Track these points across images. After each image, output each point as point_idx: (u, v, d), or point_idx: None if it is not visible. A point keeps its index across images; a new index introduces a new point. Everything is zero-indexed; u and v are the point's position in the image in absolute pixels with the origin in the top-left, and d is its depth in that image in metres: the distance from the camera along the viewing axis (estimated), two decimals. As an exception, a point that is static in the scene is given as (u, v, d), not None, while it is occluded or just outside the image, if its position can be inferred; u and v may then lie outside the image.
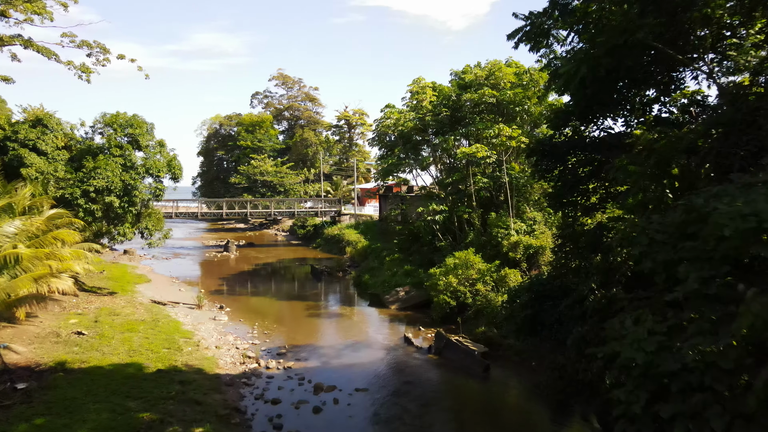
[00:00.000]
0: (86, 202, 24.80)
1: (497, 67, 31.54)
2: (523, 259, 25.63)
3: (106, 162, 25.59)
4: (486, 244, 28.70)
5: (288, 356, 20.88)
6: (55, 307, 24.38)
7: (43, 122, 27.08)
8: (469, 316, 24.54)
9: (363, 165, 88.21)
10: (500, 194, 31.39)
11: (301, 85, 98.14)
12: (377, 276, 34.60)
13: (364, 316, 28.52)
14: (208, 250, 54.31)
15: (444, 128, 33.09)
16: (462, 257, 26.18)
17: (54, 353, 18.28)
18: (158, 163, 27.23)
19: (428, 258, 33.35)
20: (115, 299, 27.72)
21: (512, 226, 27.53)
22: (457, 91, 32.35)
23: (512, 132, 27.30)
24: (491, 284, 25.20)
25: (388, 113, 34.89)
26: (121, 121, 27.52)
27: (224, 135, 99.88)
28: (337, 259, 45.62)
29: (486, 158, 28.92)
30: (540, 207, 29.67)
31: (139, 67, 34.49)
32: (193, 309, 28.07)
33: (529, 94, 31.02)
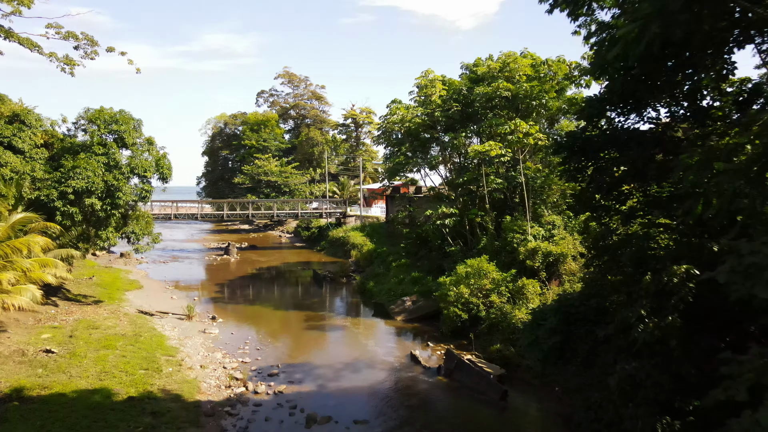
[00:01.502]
0: (64, 205, 22.70)
1: (512, 58, 29.16)
2: (542, 267, 23.24)
3: (87, 161, 23.48)
4: (500, 250, 26.35)
5: (280, 377, 18.65)
6: (29, 319, 22.35)
7: (21, 118, 25.05)
8: (482, 331, 22.21)
9: (370, 164, 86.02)
10: (515, 196, 29.03)
11: (307, 83, 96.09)
12: (383, 283, 32.33)
13: (367, 328, 26.26)
14: (208, 253, 52.29)
15: (454, 125, 30.74)
16: (474, 265, 23.84)
17: (14, 377, 16.18)
18: (145, 163, 25.08)
19: (437, 264, 31.04)
20: (98, 309, 25.65)
21: (529, 231, 25.16)
22: (469, 85, 29.99)
23: (529, 128, 24.92)
24: (507, 295, 22.84)
25: (395, 109, 32.59)
26: (105, 117, 25.41)
27: (229, 134, 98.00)
28: (341, 264, 43.36)
29: (500, 157, 26.55)
30: (559, 210, 27.26)
31: (130, 60, 32.32)
32: (183, 320, 25.93)
33: (546, 87, 28.61)
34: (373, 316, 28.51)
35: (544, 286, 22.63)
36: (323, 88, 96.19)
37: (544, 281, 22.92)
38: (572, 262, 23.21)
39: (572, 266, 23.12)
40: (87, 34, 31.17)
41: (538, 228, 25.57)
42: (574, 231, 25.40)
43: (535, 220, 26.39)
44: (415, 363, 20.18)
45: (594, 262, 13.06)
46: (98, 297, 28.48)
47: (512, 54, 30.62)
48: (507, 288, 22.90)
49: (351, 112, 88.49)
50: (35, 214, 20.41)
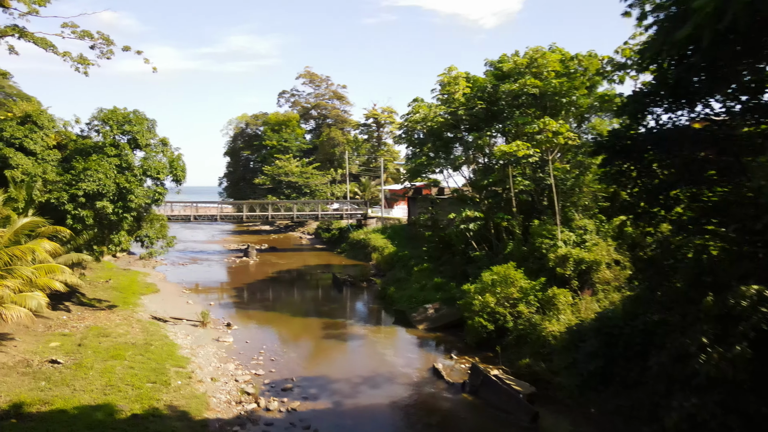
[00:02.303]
0: (75, 208, 22.04)
1: (540, 53, 27.70)
2: (574, 276, 21.76)
3: (98, 163, 22.79)
4: (528, 255, 24.93)
5: (294, 393, 17.58)
6: (40, 325, 21.70)
7: (33, 119, 24.50)
8: (509, 343, 20.86)
9: (392, 165, 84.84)
10: (543, 198, 27.56)
11: (328, 83, 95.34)
12: (404, 289, 31.11)
13: (387, 337, 25.08)
14: (227, 255, 51.70)
15: (479, 123, 29.40)
16: (501, 272, 22.48)
17: (15, 390, 15.39)
18: (158, 164, 24.32)
19: (461, 269, 29.72)
20: (111, 315, 24.96)
21: (559, 236, 23.68)
22: (494, 82, 28.59)
23: (559, 126, 23.44)
24: (535, 305, 21.44)
25: (417, 107, 31.37)
26: (118, 118, 24.71)
27: (250, 134, 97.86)
28: (361, 267, 42.32)
29: (527, 157, 25.11)
30: (590, 213, 25.69)
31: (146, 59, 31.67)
32: (197, 327, 25.09)
33: (576, 84, 27.09)
34: (393, 323, 27.32)
35: (576, 295, 21.17)
36: (344, 87, 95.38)
37: (576, 290, 21.45)
38: (606, 270, 21.71)
39: (606, 274, 21.62)
40: (102, 33, 30.68)
41: (569, 233, 24.07)
42: (607, 236, 23.87)
43: (565, 224, 24.88)
44: (438, 378, 18.93)
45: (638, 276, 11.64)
46: (113, 301, 27.85)
47: (540, 49, 29.15)
48: (536, 297, 21.51)
49: (372, 111, 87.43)
50: (42, 219, 19.72)
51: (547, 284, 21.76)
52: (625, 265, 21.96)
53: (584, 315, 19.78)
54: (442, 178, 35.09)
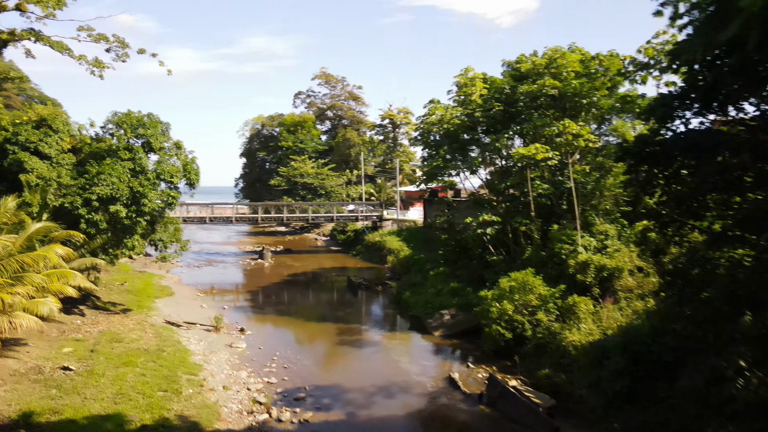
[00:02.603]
0: (88, 212, 21.93)
1: (559, 54, 27.00)
2: (595, 283, 21.09)
3: (112, 167, 22.67)
4: (547, 261, 24.29)
5: (307, 403, 17.21)
6: (54, 330, 21.63)
7: (48, 122, 24.48)
8: (528, 351, 20.28)
9: (407, 166, 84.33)
10: (563, 202, 26.87)
11: (344, 83, 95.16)
12: (419, 293, 30.62)
13: (402, 344, 24.63)
14: (243, 257, 51.65)
15: (496, 125, 28.80)
16: (519, 278, 21.90)
17: (26, 398, 15.22)
18: (172, 168, 24.15)
19: (478, 274, 29.14)
20: (125, 319, 24.86)
21: (579, 242, 23.00)
22: (512, 83, 27.97)
23: (579, 129, 22.76)
24: (555, 313, 20.84)
25: (433, 109, 30.86)
26: (132, 121, 24.61)
27: (266, 136, 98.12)
28: (376, 270, 41.91)
29: (546, 160, 24.46)
30: (612, 218, 24.96)
31: (161, 62, 31.80)
32: (210, 332, 24.89)
33: (597, 84, 26.33)
34: (409, 329, 26.88)
35: (598, 303, 20.51)
36: (360, 88, 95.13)
37: (597, 298, 20.79)
38: (629, 277, 21.01)
39: (629, 281, 20.92)
40: (118, 36, 30.68)
41: (589, 238, 23.37)
42: (629, 242, 23.15)
43: (585, 228, 24.19)
44: (454, 388, 18.43)
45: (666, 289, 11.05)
46: (127, 305, 27.78)
47: (559, 49, 28.45)
48: (555, 305, 20.91)
49: (388, 112, 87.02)
50: (55, 224, 19.62)
51: (567, 291, 21.15)
52: (648, 272, 21.27)
53: (606, 324, 19.14)
54: (459, 180, 34.56)
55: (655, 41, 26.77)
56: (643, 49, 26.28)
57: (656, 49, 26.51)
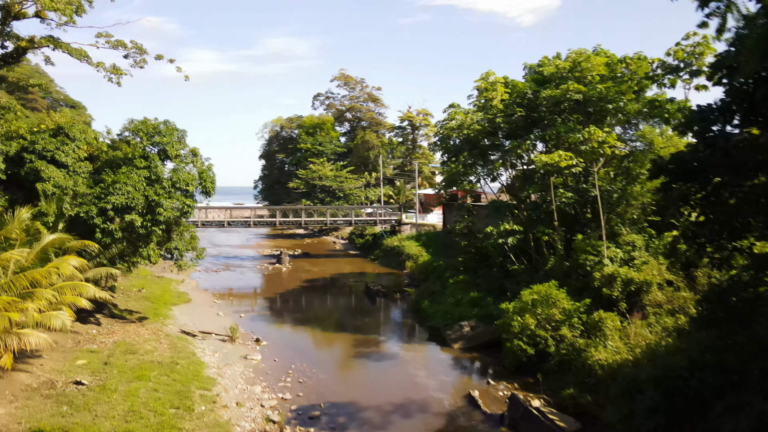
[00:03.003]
0: (104, 222, 21.73)
1: (584, 57, 26.13)
2: (622, 297, 20.22)
3: (127, 175, 22.46)
4: (570, 272, 23.49)
5: (322, 422, 16.69)
6: (68, 341, 21.47)
7: (65, 131, 24.39)
8: (551, 368, 19.49)
9: (427, 168, 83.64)
10: (587, 210, 25.98)
11: (363, 85, 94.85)
12: (438, 303, 29.95)
13: (420, 356, 23.99)
14: (261, 262, 51.50)
15: (517, 131, 28.02)
16: (542, 291, 21.12)
17: (36, 416, 14.96)
18: (187, 176, 23.87)
19: (498, 283, 28.44)
20: (141, 328, 24.66)
21: (605, 253, 22.14)
22: (534, 88, 27.16)
23: (606, 136, 21.85)
24: (579, 328, 20.04)
25: (452, 114, 30.17)
26: (148, 129, 24.40)
27: (285, 137, 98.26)
28: (395, 277, 41.32)
29: (570, 167, 23.61)
30: (638, 227, 24.02)
31: (178, 68, 31.68)
32: (226, 342, 24.55)
33: (623, 88, 25.39)
34: (427, 340, 26.24)
35: (625, 319, 19.65)
36: (379, 89, 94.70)
37: (624, 313, 19.92)
38: (658, 292, 20.12)
39: (658, 296, 20.03)
40: (136, 42, 30.58)
41: (615, 249, 22.49)
42: (657, 253, 22.22)
43: (611, 239, 23.32)
44: (474, 407, 17.75)
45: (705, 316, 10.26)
46: (143, 313, 27.64)
47: (584, 52, 27.58)
48: (580, 320, 20.10)
49: (407, 114, 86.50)
50: (68, 235, 19.42)
51: (592, 306, 20.33)
52: (678, 286, 20.36)
53: (634, 342, 18.30)
54: (479, 185, 33.86)
55: (684, 43, 25.89)
56: (673, 52, 25.39)
57: (686, 51, 25.61)
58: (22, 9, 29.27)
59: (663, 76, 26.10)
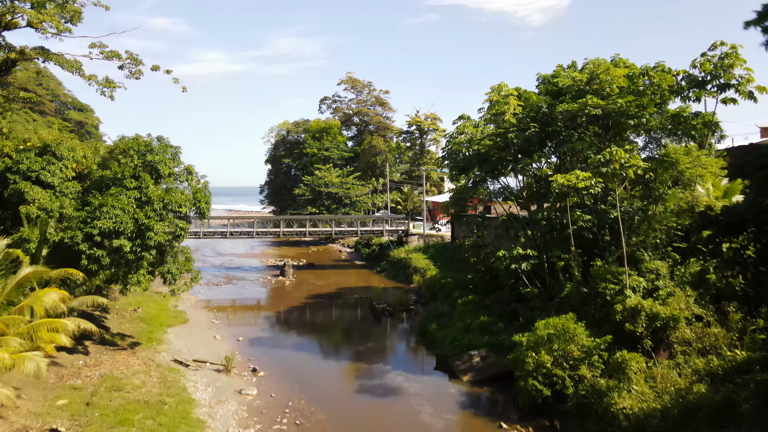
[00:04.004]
0: (90, 247, 20.38)
1: (603, 68, 24.44)
2: (647, 334, 18.58)
3: (116, 198, 21.12)
4: (588, 300, 21.91)
5: (318, 477, 15.23)
6: (51, 375, 20.06)
7: (51, 149, 23.11)
8: (569, 411, 17.92)
9: (435, 174, 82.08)
10: (605, 232, 24.34)
11: (371, 88, 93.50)
12: (446, 326, 28.41)
13: (427, 390, 22.39)
14: (264, 273, 50.15)
15: (530, 146, 26.44)
16: (558, 325, 19.53)
17: (3, 475, 13.66)
18: (180, 197, 22.47)
19: (510, 307, 26.88)
20: (131, 357, 23.32)
21: (627, 282, 20.49)
22: (549, 101, 25.55)
23: (630, 158, 20.13)
24: (600, 367, 18.45)
25: (462, 127, 28.60)
26: (140, 147, 23.07)
27: (291, 142, 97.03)
28: (401, 292, 39.79)
29: (588, 188, 21.93)
30: (661, 252, 22.31)
31: (175, 79, 30.61)
32: (221, 373, 23.17)
33: (644, 102, 23.71)
34: (434, 369, 24.73)
35: (650, 359, 18.03)
36: (387, 93, 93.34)
37: (650, 352, 18.29)
38: (686, 328, 18.46)
39: (686, 333, 18.38)
40: (131, 52, 29.35)
41: (638, 277, 20.84)
42: (683, 282, 20.53)
43: (632, 264, 21.64)
44: (486, 458, 16.22)
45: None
46: (136, 337, 26.33)
47: (602, 62, 25.92)
48: (600, 358, 18.51)
49: (415, 118, 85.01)
50: (46, 268, 18.11)
51: (614, 343, 18.72)
52: (708, 321, 18.69)
53: (661, 386, 16.72)
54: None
55: (711, 53, 24.19)
56: (699, 64, 23.69)
57: (712, 62, 23.91)
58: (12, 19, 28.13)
59: (687, 89, 24.46)
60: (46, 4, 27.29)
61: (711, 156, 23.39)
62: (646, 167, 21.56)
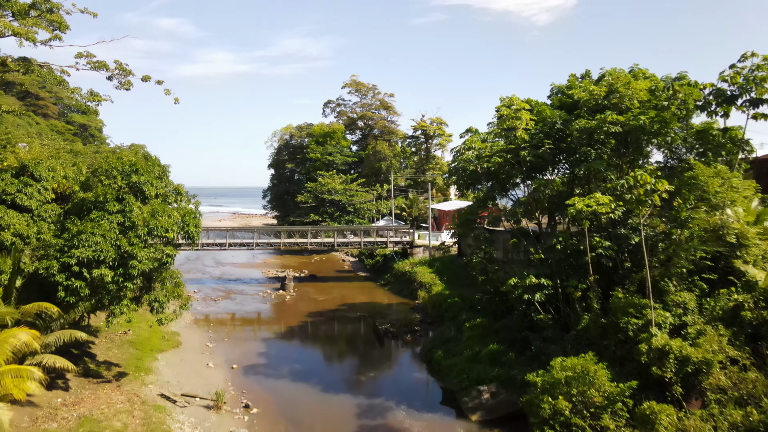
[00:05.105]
0: (68, 278, 18.79)
1: (622, 81, 22.65)
2: (677, 380, 16.79)
3: (96, 223, 19.54)
4: (608, 333, 20.14)
5: None
6: (25, 418, 18.52)
7: (29, 169, 21.54)
8: (589, 464, 16.18)
9: (440, 180, 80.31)
10: (625, 258, 22.56)
11: (375, 91, 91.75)
12: (453, 353, 26.72)
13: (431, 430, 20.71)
14: (264, 286, 48.55)
15: (544, 163, 24.72)
16: (577, 367, 17.78)
17: None
18: (166, 222, 20.83)
19: (521, 334, 25.13)
20: (115, 392, 21.72)
21: (652, 317, 18.69)
22: (564, 116, 23.80)
23: (656, 183, 18.28)
24: (625, 416, 16.69)
25: (469, 141, 26.90)
26: (124, 168, 21.48)
27: (295, 146, 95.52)
28: (406, 310, 38.12)
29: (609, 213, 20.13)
30: (688, 282, 20.47)
31: (167, 90, 29.29)
32: (210, 410, 21.55)
33: (667, 116, 21.85)
34: (441, 404, 23.05)
35: (680, 408, 16.26)
36: (392, 96, 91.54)
37: (680, 400, 16.51)
38: (720, 374, 16.68)
39: (721, 379, 16.61)
40: (120, 63, 27.90)
41: (663, 312, 19.03)
42: (713, 317, 18.72)
43: (656, 296, 19.83)
44: None
45: None
46: (124, 366, 24.78)
47: (620, 74, 24.19)
48: (625, 406, 16.75)
49: (421, 123, 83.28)
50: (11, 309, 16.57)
51: (639, 388, 16.96)
52: (745, 365, 16.92)
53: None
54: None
55: (740, 65, 22.36)
56: (729, 78, 21.85)
57: (742, 75, 22.08)
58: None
59: (715, 103, 22.66)
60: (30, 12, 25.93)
61: (740, 176, 21.62)
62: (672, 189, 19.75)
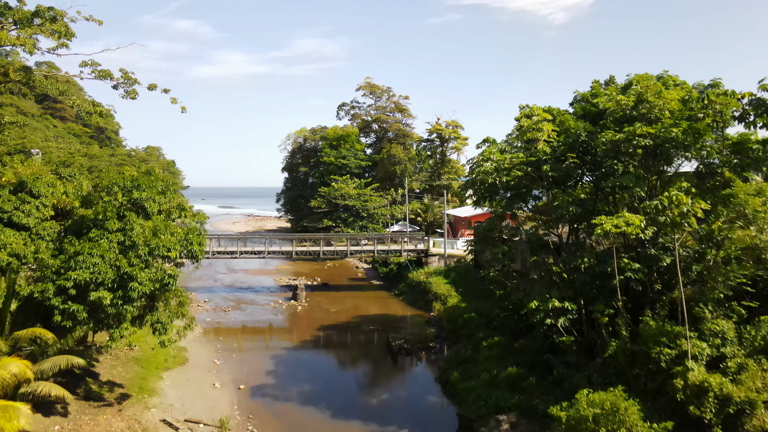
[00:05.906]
0: (64, 301, 17.87)
1: (653, 91, 21.14)
2: (717, 421, 15.36)
3: (95, 243, 18.60)
4: (637, 362, 18.74)
5: None
6: (19, 449, 17.66)
7: (27, 186, 20.69)
8: None
9: (456, 184, 78.91)
10: (656, 279, 21.08)
11: (390, 94, 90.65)
12: (470, 375, 25.41)
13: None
14: (276, 295, 47.62)
15: (566, 178, 23.33)
16: (606, 403, 16.38)
17: None
18: (169, 240, 19.85)
19: (542, 358, 23.74)
20: (116, 417, 20.81)
21: (688, 348, 17.23)
22: (590, 128, 22.36)
23: (692, 205, 16.78)
24: (659, 461, 15.29)
25: (487, 152, 25.50)
26: (126, 184, 20.56)
27: (308, 149, 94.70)
28: (420, 324, 36.90)
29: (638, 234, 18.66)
30: (726, 308, 18.98)
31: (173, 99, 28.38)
32: (214, 438, 20.54)
33: (700, 127, 20.30)
34: (457, 433, 21.78)
35: (722, 455, 14.83)
36: (407, 98, 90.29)
37: (721, 444, 15.08)
38: (766, 415, 15.19)
39: (766, 422, 15.11)
40: (125, 71, 27.02)
41: (699, 342, 17.57)
42: (755, 348, 17.23)
43: (691, 323, 18.36)
44: None
45: None
46: (127, 387, 23.90)
47: (648, 81, 22.67)
48: (659, 450, 15.35)
49: (436, 126, 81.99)
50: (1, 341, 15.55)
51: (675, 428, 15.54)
52: (792, 406, 15.41)
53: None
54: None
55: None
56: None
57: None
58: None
59: (754, 114, 21.07)
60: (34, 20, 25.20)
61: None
62: (708, 208, 18.26)
